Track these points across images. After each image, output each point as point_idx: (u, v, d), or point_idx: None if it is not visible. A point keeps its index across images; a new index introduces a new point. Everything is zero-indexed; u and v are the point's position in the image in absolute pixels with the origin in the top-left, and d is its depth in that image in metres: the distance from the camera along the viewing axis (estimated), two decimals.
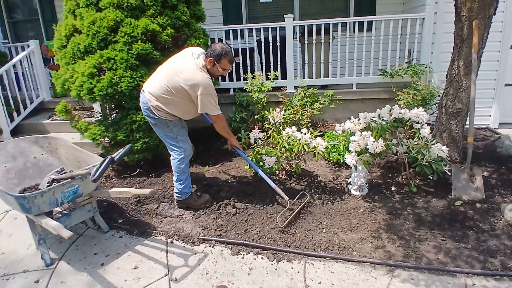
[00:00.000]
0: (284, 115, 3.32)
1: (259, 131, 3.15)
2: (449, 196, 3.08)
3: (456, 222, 2.82)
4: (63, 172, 2.75)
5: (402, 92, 4.53)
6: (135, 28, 3.42)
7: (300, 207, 2.97)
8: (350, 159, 2.93)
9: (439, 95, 4.19)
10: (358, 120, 3.08)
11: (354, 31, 4.78)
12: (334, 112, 5.13)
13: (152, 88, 2.84)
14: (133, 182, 3.74)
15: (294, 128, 3.16)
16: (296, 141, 3.00)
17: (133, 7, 3.49)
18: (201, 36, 4.02)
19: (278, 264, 2.53)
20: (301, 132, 3.05)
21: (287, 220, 2.85)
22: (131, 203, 3.34)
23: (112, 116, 3.81)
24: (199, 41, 3.93)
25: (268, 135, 3.32)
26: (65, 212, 2.75)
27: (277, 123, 3.34)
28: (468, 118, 3.38)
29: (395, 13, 5.75)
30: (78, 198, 2.69)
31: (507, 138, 3.83)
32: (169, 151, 3.07)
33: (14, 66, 5.21)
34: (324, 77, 5.12)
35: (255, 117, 4.54)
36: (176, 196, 3.16)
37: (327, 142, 3.03)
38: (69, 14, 3.74)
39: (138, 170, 3.81)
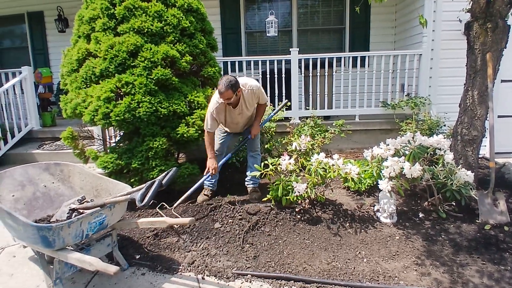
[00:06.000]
0: (309, 141, 3.28)
1: (289, 158, 3.07)
2: (477, 221, 3.10)
3: (491, 245, 2.81)
4: (84, 201, 2.48)
5: (405, 123, 4.69)
6: (155, 54, 3.34)
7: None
8: (384, 184, 2.90)
9: (444, 125, 4.38)
10: (387, 146, 3.10)
11: (356, 66, 4.99)
12: (338, 143, 5.19)
13: None
14: (145, 215, 3.45)
15: (322, 154, 3.12)
16: (329, 167, 2.94)
17: (153, 33, 3.44)
18: (216, 65, 4.01)
19: None
20: (332, 158, 3.01)
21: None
22: (148, 237, 3.05)
23: (125, 143, 3.58)
24: (214, 69, 3.92)
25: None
26: (84, 246, 2.44)
27: (302, 150, 3.28)
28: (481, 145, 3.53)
29: (387, 50, 6.11)
30: (102, 230, 2.41)
31: (511, 165, 4.02)
32: None
33: (5, 92, 4.85)
34: (328, 108, 5.22)
35: (265, 146, 4.47)
36: None
37: (359, 168, 2.99)
38: (81, 38, 3.61)
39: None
